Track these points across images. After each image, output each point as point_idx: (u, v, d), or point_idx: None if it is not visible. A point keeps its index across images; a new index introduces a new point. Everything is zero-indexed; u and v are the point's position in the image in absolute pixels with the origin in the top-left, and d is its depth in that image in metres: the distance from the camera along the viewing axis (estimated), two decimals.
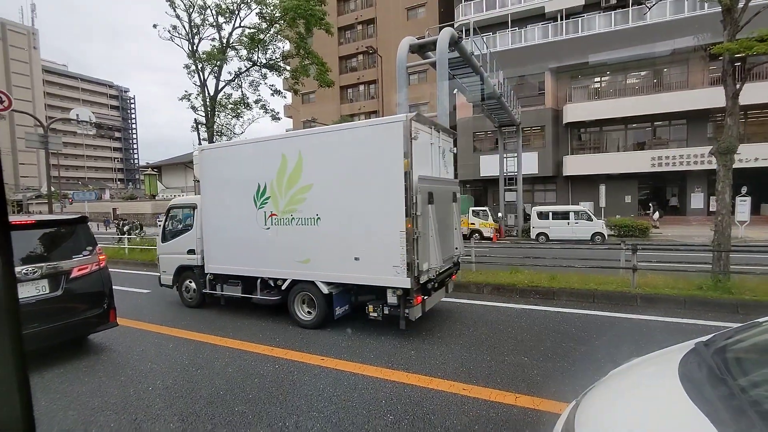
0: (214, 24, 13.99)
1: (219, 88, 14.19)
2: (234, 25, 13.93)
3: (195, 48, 14.03)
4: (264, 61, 14.43)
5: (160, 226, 9.00)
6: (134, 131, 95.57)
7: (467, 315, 6.05)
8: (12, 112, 24.63)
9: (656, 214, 21.64)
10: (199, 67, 13.92)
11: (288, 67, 15.04)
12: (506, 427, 3.00)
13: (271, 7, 13.32)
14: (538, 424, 3.01)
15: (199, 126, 14.83)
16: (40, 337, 4.17)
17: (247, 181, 6.01)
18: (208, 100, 14.03)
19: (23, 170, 65.52)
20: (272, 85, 15.46)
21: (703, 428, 1.35)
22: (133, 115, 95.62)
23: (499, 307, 6.44)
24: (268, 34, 13.90)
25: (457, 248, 6.11)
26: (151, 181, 28.00)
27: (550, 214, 17.79)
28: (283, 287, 5.79)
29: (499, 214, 21.31)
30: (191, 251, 6.84)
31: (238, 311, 6.58)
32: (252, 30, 13.92)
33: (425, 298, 5.08)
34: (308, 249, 5.51)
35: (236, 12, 13.74)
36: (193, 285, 6.95)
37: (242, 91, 14.89)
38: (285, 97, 19.17)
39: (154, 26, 14.36)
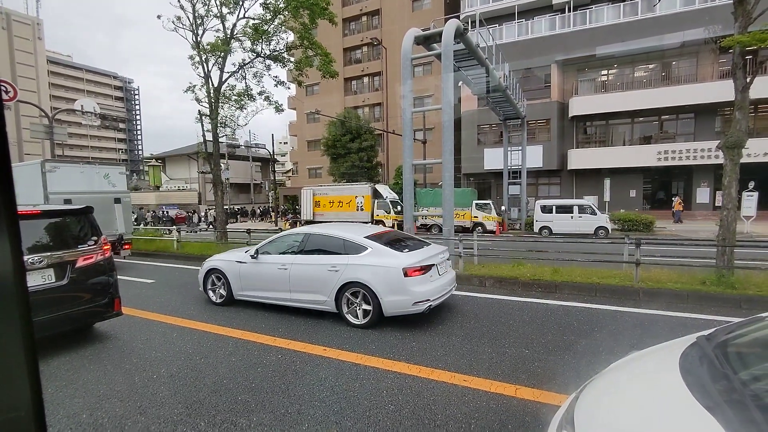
0: (218, 15, 13.88)
1: (223, 80, 14.12)
2: (238, 15, 13.80)
3: (199, 39, 13.94)
4: (268, 53, 14.34)
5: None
6: (138, 122, 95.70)
7: (469, 308, 6.06)
8: (17, 102, 24.68)
9: None
10: (203, 58, 13.84)
11: (292, 59, 14.91)
12: (506, 417, 3.03)
13: None
14: (537, 416, 3.03)
15: (203, 117, 14.81)
16: (46, 325, 4.23)
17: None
18: (212, 91, 13.97)
19: (28, 161, 65.87)
20: (276, 77, 15.38)
21: (703, 421, 1.35)
22: (137, 107, 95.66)
23: (501, 300, 6.46)
24: (272, 25, 13.79)
25: (117, 229, 10.39)
26: (156, 172, 28.01)
27: (554, 207, 17.73)
28: None
29: (503, 208, 21.24)
30: None
31: (242, 303, 6.64)
32: (256, 21, 13.81)
33: None
34: None
35: (240, 2, 13.62)
36: None
37: (246, 83, 14.82)
38: (289, 89, 19.09)
39: (158, 17, 14.25)
